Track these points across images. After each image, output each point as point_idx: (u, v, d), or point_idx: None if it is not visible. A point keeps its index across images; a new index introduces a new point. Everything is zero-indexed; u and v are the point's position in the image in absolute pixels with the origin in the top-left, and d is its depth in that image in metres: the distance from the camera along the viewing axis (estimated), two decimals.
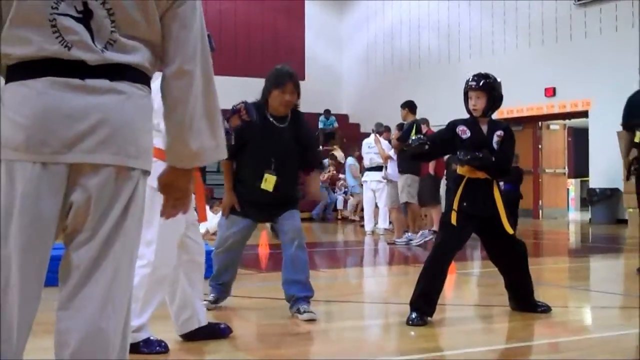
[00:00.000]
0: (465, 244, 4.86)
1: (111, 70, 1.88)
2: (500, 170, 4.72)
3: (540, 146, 17.82)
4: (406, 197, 10.35)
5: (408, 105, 10.73)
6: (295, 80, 4.75)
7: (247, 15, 22.07)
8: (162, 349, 3.67)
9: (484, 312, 5.28)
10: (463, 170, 4.68)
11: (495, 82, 4.73)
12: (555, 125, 18.18)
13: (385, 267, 8.87)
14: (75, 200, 1.87)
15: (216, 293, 4.94)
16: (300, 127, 4.86)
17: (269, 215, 4.88)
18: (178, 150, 1.99)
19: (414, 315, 4.48)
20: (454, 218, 4.60)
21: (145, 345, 3.62)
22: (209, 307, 4.69)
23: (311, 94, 20.07)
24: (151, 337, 3.67)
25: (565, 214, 18.79)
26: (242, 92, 4.88)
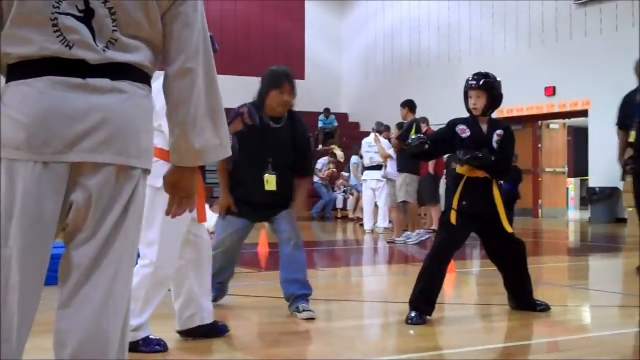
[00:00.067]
0: (464, 243, 4.86)
1: (112, 70, 1.88)
2: (499, 170, 4.72)
3: (540, 145, 17.84)
4: (404, 196, 10.34)
5: (408, 105, 10.74)
6: (292, 80, 4.74)
7: (247, 15, 22.11)
8: (161, 347, 3.67)
9: (483, 311, 5.28)
10: (462, 170, 4.68)
11: (495, 81, 4.73)
12: (555, 125, 18.21)
13: (385, 266, 8.86)
14: (75, 200, 1.87)
15: (214, 292, 4.93)
16: (296, 127, 4.85)
17: (265, 215, 4.88)
18: (182, 149, 2.00)
19: (413, 314, 4.48)
20: (453, 217, 4.60)
21: (144, 344, 3.62)
22: None
23: (311, 93, 20.12)
24: (150, 336, 3.67)
25: (565, 213, 18.81)
26: (242, 91, 4.87)
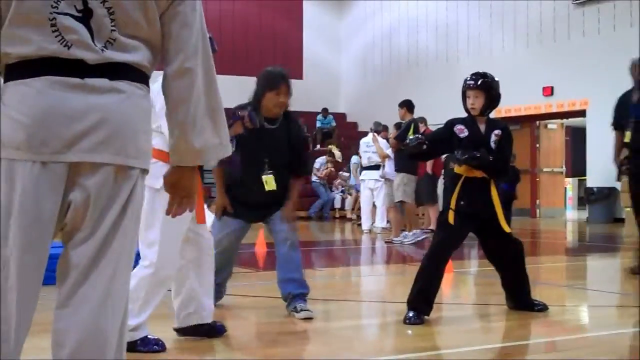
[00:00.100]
0: (462, 243, 4.87)
1: (110, 70, 1.88)
2: (497, 170, 4.72)
3: (538, 145, 17.86)
4: (401, 196, 10.34)
5: (406, 105, 10.74)
6: (288, 81, 4.73)
7: (245, 15, 22.11)
8: (159, 347, 3.67)
9: (481, 311, 5.28)
10: (460, 170, 4.68)
11: (494, 81, 4.73)
12: (553, 125, 18.22)
13: (383, 265, 8.86)
14: (74, 199, 1.87)
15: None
16: (291, 128, 4.85)
17: (262, 215, 4.88)
18: (182, 149, 2.00)
19: (411, 314, 4.48)
20: (451, 217, 4.60)
21: (142, 343, 3.62)
22: None
23: (309, 93, 20.14)
24: (148, 336, 3.67)
25: (563, 213, 18.83)
26: (240, 90, 4.87)
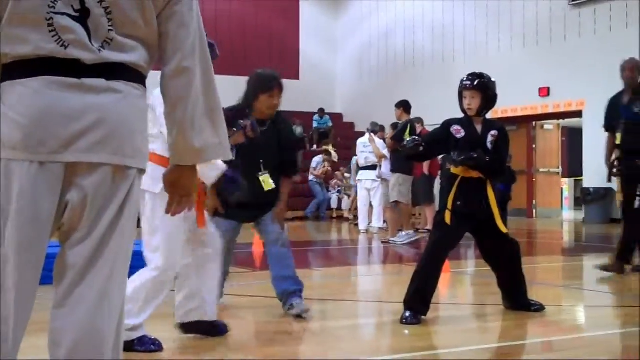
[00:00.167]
0: (459, 243, 4.87)
1: (107, 70, 1.88)
2: (494, 171, 4.72)
3: (534, 146, 17.86)
4: (397, 196, 10.36)
5: (403, 105, 10.75)
6: (281, 83, 4.75)
7: (242, 15, 22.08)
8: (156, 347, 3.68)
9: (478, 311, 5.29)
10: (457, 170, 4.69)
11: (490, 81, 4.74)
12: (549, 125, 18.24)
13: (379, 265, 8.87)
14: (71, 199, 1.87)
15: None
16: (281, 128, 4.87)
17: (254, 216, 4.90)
18: (181, 148, 2.00)
19: (408, 314, 4.49)
20: (447, 217, 4.61)
21: (139, 343, 3.63)
22: None
23: (305, 93, 20.14)
24: (146, 336, 3.67)
25: (559, 213, 18.84)
26: (236, 90, 4.86)
